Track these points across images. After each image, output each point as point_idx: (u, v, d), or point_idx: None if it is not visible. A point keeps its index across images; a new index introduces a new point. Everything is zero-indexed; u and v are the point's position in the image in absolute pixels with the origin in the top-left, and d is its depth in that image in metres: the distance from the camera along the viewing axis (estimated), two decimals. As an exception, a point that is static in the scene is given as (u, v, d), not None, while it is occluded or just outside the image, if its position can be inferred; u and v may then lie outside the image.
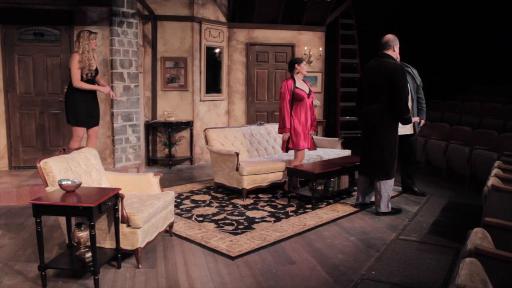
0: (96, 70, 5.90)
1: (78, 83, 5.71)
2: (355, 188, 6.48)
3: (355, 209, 5.59)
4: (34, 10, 6.66)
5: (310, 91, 6.07)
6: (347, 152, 7.28)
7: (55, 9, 6.73)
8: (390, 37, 5.19)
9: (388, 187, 5.30)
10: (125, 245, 3.78)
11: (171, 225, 4.53)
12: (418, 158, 8.06)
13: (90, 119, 5.95)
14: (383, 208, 5.36)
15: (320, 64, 10.01)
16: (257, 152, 6.94)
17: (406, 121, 5.16)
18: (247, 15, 9.27)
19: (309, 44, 9.83)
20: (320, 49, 9.91)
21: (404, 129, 5.90)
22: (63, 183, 3.50)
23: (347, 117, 10.86)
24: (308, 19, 9.72)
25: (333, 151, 7.30)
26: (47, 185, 3.74)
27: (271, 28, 9.55)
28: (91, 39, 5.76)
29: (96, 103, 6.07)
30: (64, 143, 6.64)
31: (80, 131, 5.91)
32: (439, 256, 4.10)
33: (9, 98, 6.77)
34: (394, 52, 5.22)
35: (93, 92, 5.97)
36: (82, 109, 5.83)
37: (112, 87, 6.94)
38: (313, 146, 6.21)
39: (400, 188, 6.45)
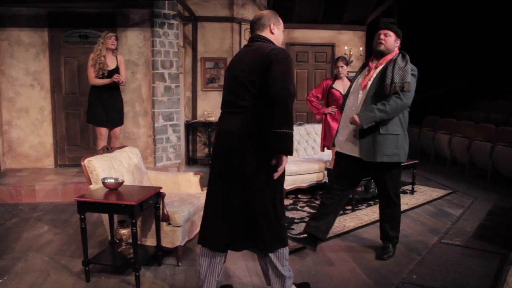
0: (114, 70, 5.97)
1: (91, 81, 5.94)
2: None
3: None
4: (79, 14, 6.88)
5: None
6: (388, 153, 7.15)
7: (99, 12, 6.92)
8: (264, 13, 3.18)
9: (285, 257, 3.01)
10: (165, 243, 3.83)
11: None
12: (462, 160, 7.86)
13: (108, 119, 6.05)
14: None
15: (361, 63, 9.86)
16: (296, 153, 6.91)
17: (281, 142, 2.74)
18: (287, 15, 9.23)
19: (350, 44, 9.72)
20: (361, 48, 9.79)
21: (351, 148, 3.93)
22: (106, 181, 3.57)
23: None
24: (348, 18, 9.61)
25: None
26: (90, 183, 3.83)
27: (311, 28, 9.50)
28: (107, 39, 5.89)
29: (116, 104, 6.15)
30: (107, 143, 6.80)
31: (100, 130, 6.06)
32: (484, 261, 3.96)
33: (55, 99, 7.00)
34: (273, 35, 3.11)
35: (113, 93, 6.07)
36: (97, 109, 5.98)
37: (153, 87, 7.07)
38: None
39: (444, 191, 6.28)
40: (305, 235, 4.01)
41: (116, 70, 5.99)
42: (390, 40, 3.82)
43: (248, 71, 2.86)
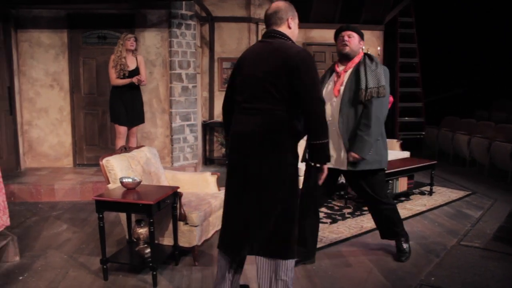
0: (135, 71, 6.05)
1: (112, 81, 6.02)
2: (414, 191, 6.33)
3: (414, 213, 5.42)
4: (98, 15, 6.95)
5: None
6: (406, 154, 7.08)
7: (117, 13, 6.99)
8: (281, 5, 2.92)
9: (290, 270, 2.85)
10: (182, 242, 3.84)
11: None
12: (482, 160, 7.75)
13: (129, 118, 6.13)
14: None
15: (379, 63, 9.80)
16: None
17: (320, 153, 2.78)
18: (304, 14, 9.20)
19: (367, 44, 9.63)
20: (378, 48, 9.71)
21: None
22: (124, 180, 3.60)
23: (406, 118, 10.58)
24: (366, 18, 9.54)
25: (391, 152, 7.06)
26: (109, 182, 3.87)
27: (328, 27, 9.43)
28: (126, 40, 5.96)
29: (136, 103, 6.23)
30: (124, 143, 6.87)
31: (119, 128, 6.13)
32: (505, 264, 3.89)
33: (74, 99, 7.09)
34: (291, 30, 2.92)
35: (133, 92, 6.14)
36: (119, 108, 6.05)
37: (170, 88, 7.12)
38: None
39: (463, 192, 6.20)
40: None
41: (137, 70, 6.06)
42: (355, 42, 3.64)
43: (271, 74, 2.70)
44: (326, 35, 9.48)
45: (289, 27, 2.91)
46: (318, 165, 2.84)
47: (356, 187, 3.85)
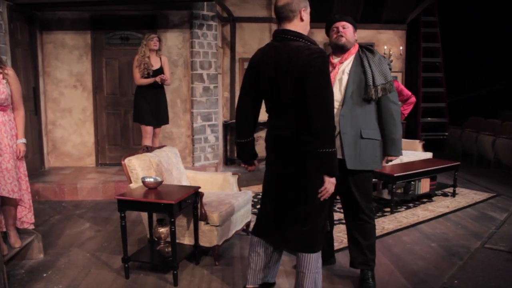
0: (159, 70, 6.09)
1: (136, 81, 6.06)
2: (437, 192, 6.24)
3: (437, 214, 5.34)
4: (120, 16, 7.04)
5: None
6: (429, 155, 6.98)
7: (139, 14, 7.06)
8: None
9: (315, 266, 2.90)
10: (203, 242, 3.86)
11: (248, 224, 4.57)
12: (507, 162, 7.60)
13: (153, 117, 6.16)
14: None
15: (401, 63, 9.71)
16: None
17: (328, 163, 2.65)
18: (325, 14, 9.13)
19: (389, 43, 9.56)
20: (401, 48, 9.61)
21: None
22: (146, 180, 3.64)
23: (429, 118, 10.45)
24: (388, 17, 9.46)
25: (413, 153, 7.03)
26: (130, 182, 3.90)
27: (349, 27, 9.40)
28: (149, 40, 6.01)
29: (161, 104, 6.26)
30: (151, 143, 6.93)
31: (146, 128, 6.17)
32: (530, 267, 3.82)
33: (97, 99, 7.18)
34: (303, 23, 2.78)
35: (158, 92, 6.17)
36: (144, 108, 6.08)
37: (192, 88, 7.16)
38: None
39: (487, 194, 6.08)
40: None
41: (160, 70, 6.11)
42: (350, 32, 3.38)
43: (290, 79, 2.67)
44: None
45: (302, 19, 2.76)
46: (326, 176, 2.68)
47: (344, 189, 3.44)
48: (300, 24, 2.76)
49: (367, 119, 3.33)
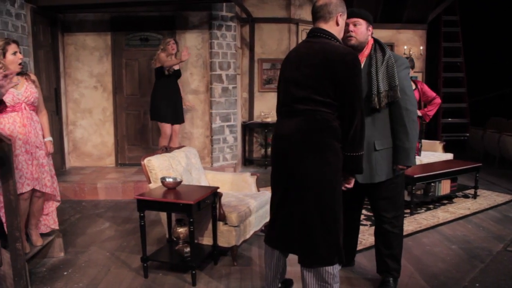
0: (178, 72, 6.30)
1: (164, 63, 6.06)
2: (458, 194, 6.15)
3: (457, 216, 5.26)
4: (140, 17, 7.10)
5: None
6: (449, 156, 6.89)
7: (159, 15, 7.11)
8: None
9: (333, 277, 2.74)
10: (221, 242, 3.86)
11: (266, 225, 4.56)
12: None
13: (171, 114, 6.23)
14: None
15: (421, 63, 9.60)
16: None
17: (355, 164, 2.74)
18: (344, 14, 9.12)
19: (409, 43, 9.47)
20: (421, 48, 9.51)
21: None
22: (165, 180, 3.66)
23: (450, 119, 10.31)
24: (408, 17, 9.37)
25: (433, 154, 6.95)
26: (150, 182, 3.93)
27: (369, 27, 9.34)
28: (167, 45, 6.11)
29: (178, 102, 6.36)
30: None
31: (164, 127, 6.24)
32: (555, 271, 3.74)
33: (117, 100, 7.25)
34: (338, 27, 2.79)
35: (174, 91, 6.28)
36: (162, 104, 6.16)
37: (211, 88, 7.18)
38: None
39: (510, 196, 5.96)
40: None
41: (179, 71, 6.34)
42: (362, 30, 3.08)
43: (312, 77, 2.65)
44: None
45: (337, 23, 2.76)
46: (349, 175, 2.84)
47: (374, 202, 3.35)
48: (335, 28, 2.77)
49: (379, 128, 3.11)
